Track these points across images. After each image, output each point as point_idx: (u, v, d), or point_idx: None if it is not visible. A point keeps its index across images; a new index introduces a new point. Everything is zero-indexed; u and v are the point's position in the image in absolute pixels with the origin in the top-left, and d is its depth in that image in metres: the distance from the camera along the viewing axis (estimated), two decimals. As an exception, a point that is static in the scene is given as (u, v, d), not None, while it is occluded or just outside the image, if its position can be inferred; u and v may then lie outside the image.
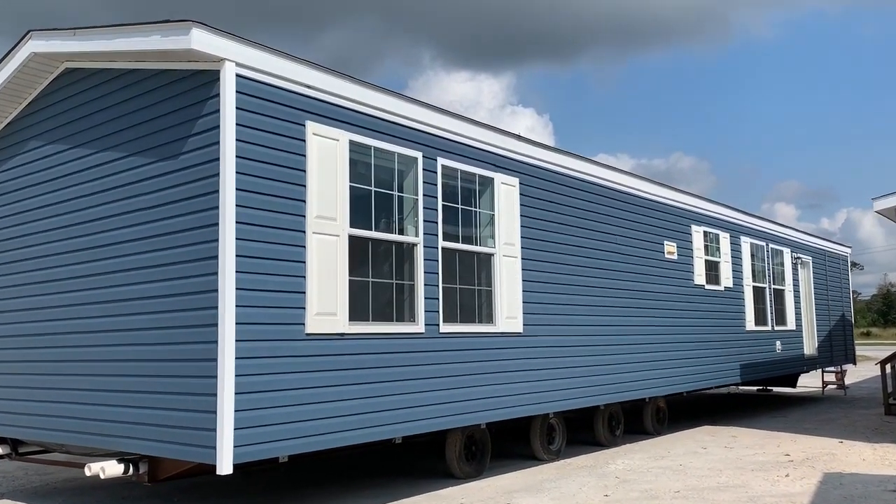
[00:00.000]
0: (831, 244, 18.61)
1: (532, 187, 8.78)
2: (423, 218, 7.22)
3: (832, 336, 17.59)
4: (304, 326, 6.02)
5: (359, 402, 6.39)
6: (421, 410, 6.99)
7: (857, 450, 9.86)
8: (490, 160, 8.20)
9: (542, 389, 8.65)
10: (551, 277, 8.91)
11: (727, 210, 13.38)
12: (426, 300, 7.15)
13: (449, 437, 8.12)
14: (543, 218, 8.91)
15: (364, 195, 6.72)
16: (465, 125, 7.87)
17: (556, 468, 8.97)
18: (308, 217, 6.14)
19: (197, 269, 5.72)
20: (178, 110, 6.04)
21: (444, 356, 7.31)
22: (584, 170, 9.70)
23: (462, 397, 7.50)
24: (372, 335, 6.59)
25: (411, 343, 6.97)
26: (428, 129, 7.40)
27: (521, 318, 8.36)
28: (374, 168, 6.84)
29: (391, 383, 6.71)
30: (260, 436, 5.58)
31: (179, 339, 5.80)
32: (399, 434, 6.84)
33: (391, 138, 7.00)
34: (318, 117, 6.34)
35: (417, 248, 7.16)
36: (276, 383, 5.76)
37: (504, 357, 8.10)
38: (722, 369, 12.54)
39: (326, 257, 6.23)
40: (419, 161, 7.26)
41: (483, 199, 8.17)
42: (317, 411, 6.03)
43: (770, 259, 14.83)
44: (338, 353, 6.27)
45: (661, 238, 11.29)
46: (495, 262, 8.12)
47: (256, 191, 5.79)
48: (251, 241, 5.70)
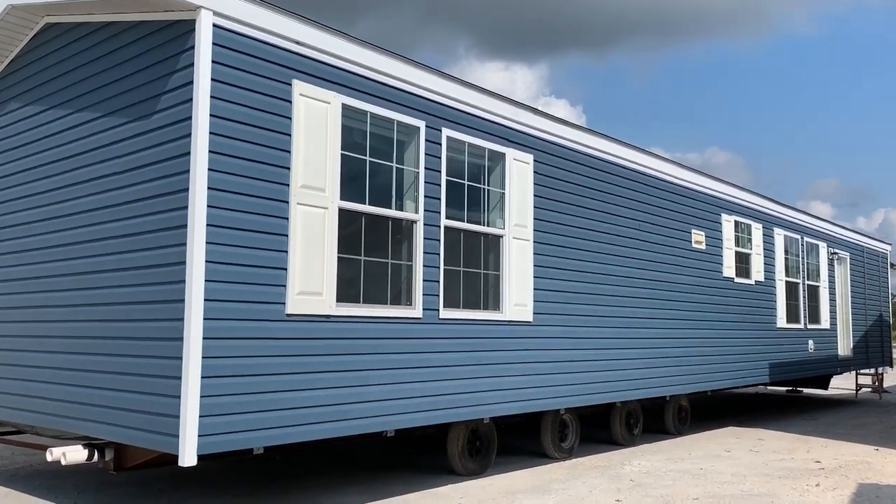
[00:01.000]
0: (870, 240, 17.63)
1: (548, 165, 8.12)
2: (423, 193, 6.62)
3: (868, 337, 16.66)
4: (285, 306, 5.46)
5: (346, 391, 5.83)
6: (416, 402, 6.41)
7: (894, 459, 9.11)
8: (502, 134, 7.56)
9: (553, 384, 8.02)
10: (566, 263, 8.25)
11: (760, 199, 12.57)
12: (425, 283, 6.56)
13: (451, 431, 7.56)
14: (559, 199, 8.25)
15: (358, 165, 6.14)
16: (475, 94, 7.24)
17: (567, 468, 8.37)
18: (292, 186, 5.57)
19: (165, 240, 5.19)
20: (153, 65, 5.51)
21: (444, 344, 6.72)
22: (606, 149, 9.00)
23: (464, 389, 6.91)
24: (363, 318, 6.01)
25: (407, 329, 6.39)
26: (432, 96, 6.78)
27: (531, 306, 7.74)
28: (370, 136, 6.25)
29: (383, 371, 6.14)
30: (229, 424, 5.05)
31: (146, 316, 5.29)
32: (391, 427, 6.28)
33: (391, 104, 6.40)
34: (307, 76, 5.76)
35: (417, 225, 6.56)
36: (251, 367, 5.22)
37: (511, 347, 7.49)
38: (750, 368, 11.78)
39: (312, 231, 5.66)
40: (421, 131, 6.65)
41: (493, 176, 7.54)
42: (297, 399, 5.48)
43: (805, 253, 13.98)
44: (323, 336, 5.71)
45: (689, 226, 10.55)
46: (504, 245, 7.49)
47: (233, 154, 5.24)
48: (225, 210, 5.15)
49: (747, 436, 11.05)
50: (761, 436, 11.03)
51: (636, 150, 9.60)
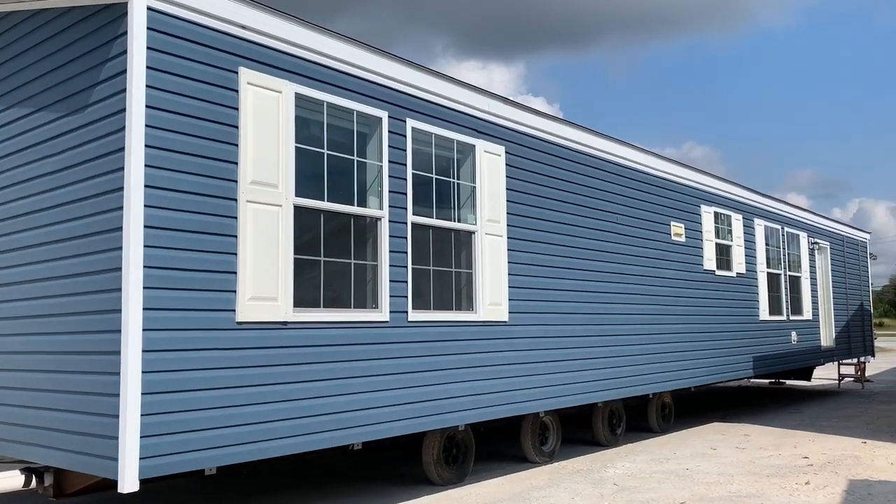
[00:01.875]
0: (850, 229, 17.49)
1: (521, 157, 7.74)
2: (388, 188, 6.21)
3: (850, 327, 16.52)
4: (235, 313, 5.03)
5: (306, 403, 5.41)
6: (384, 412, 6.00)
7: (883, 452, 8.85)
8: (471, 125, 7.17)
9: (531, 385, 7.65)
10: (542, 260, 7.88)
11: (740, 190, 12.30)
12: (392, 284, 6.15)
13: (426, 439, 7.16)
14: (534, 192, 7.87)
15: (315, 159, 5.71)
16: (441, 83, 6.84)
17: (549, 472, 8.01)
18: (241, 183, 5.14)
19: (101, 244, 4.73)
20: (85, 55, 5.05)
21: (413, 348, 6.32)
22: (582, 140, 8.65)
23: (436, 396, 6.52)
24: (323, 324, 5.59)
25: (373, 333, 5.97)
26: (395, 85, 6.37)
27: (506, 305, 7.35)
28: (327, 128, 5.83)
29: (348, 380, 5.73)
30: (175, 445, 4.61)
31: (82, 328, 4.83)
32: (358, 440, 5.86)
33: (349, 93, 5.98)
34: (256, 64, 5.32)
35: (382, 222, 6.15)
36: (198, 381, 4.77)
37: (486, 349, 7.10)
38: (733, 362, 11.51)
39: (265, 231, 5.23)
40: (384, 122, 6.23)
41: (463, 170, 7.14)
42: (251, 414, 5.05)
43: (786, 244, 13.76)
44: (279, 345, 5.28)
45: (668, 218, 10.23)
46: (477, 242, 7.10)
47: (172, 149, 4.79)
48: (164, 210, 4.71)
49: (733, 432, 10.76)
50: (747, 431, 10.75)
51: (612, 140, 9.26)
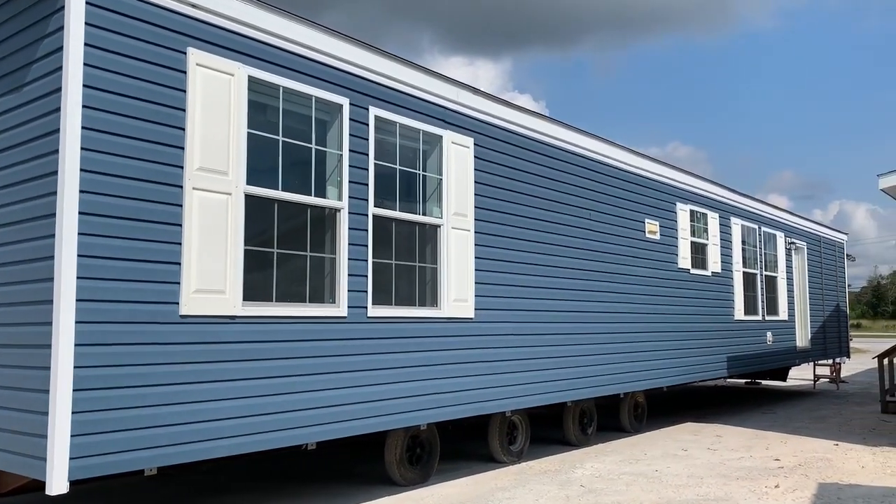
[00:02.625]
0: (827, 230, 17.48)
1: (490, 150, 7.54)
2: (348, 179, 5.98)
3: (826, 328, 16.50)
4: (179, 306, 4.78)
5: (255, 402, 5.17)
6: (341, 410, 5.78)
7: (854, 455, 8.76)
8: (438, 115, 6.95)
9: (498, 384, 7.46)
10: (510, 255, 7.68)
11: (717, 188, 12.18)
12: (350, 278, 5.92)
13: (389, 437, 6.95)
14: (503, 186, 7.67)
15: (269, 146, 5.47)
16: (407, 70, 6.61)
17: (515, 473, 7.83)
18: (187, 169, 4.88)
19: (35, 231, 4.46)
20: (23, 30, 4.77)
21: (373, 345, 6.10)
22: (554, 133, 8.46)
23: (397, 394, 6.30)
24: (275, 319, 5.35)
25: (330, 329, 5.74)
26: (357, 71, 6.14)
27: (472, 301, 7.15)
28: (283, 114, 5.58)
29: (302, 378, 5.50)
30: (109, 444, 4.36)
31: (14, 320, 4.56)
32: (312, 439, 5.64)
33: (308, 78, 5.73)
34: (206, 45, 5.06)
35: (341, 214, 5.91)
36: (137, 378, 4.52)
37: (451, 346, 6.90)
38: (707, 362, 11.40)
39: (212, 220, 4.98)
40: (345, 109, 6.00)
41: (429, 161, 6.93)
42: (195, 412, 4.81)
43: (762, 243, 13.68)
44: (227, 340, 5.04)
45: (642, 216, 10.08)
46: (442, 235, 6.89)
47: (112, 132, 4.53)
48: (102, 196, 4.45)
49: (705, 432, 10.64)
50: (719, 432, 10.64)
51: (586, 135, 9.08)
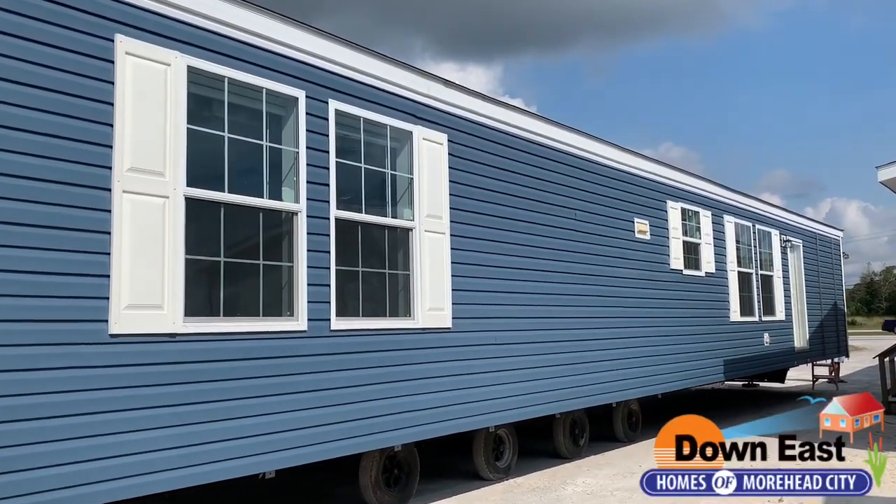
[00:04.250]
0: (822, 227, 17.03)
1: (466, 147, 7.02)
2: (306, 178, 5.44)
3: (824, 327, 16.03)
4: (108, 324, 4.23)
5: (202, 429, 4.62)
6: (302, 434, 5.23)
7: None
8: (408, 109, 6.43)
9: (480, 398, 6.92)
10: (491, 259, 7.16)
11: (709, 185, 11.70)
12: (311, 288, 5.38)
13: (363, 459, 6.41)
14: (481, 186, 7.15)
15: (214, 144, 4.93)
16: (371, 61, 6.08)
17: (501, 491, 7.30)
18: (116, 170, 4.34)
19: (-64, 243, 3.91)
20: (-74, 17, 4.22)
21: (338, 361, 5.55)
22: (535, 129, 7.94)
23: (367, 413, 5.76)
24: (223, 336, 4.81)
25: (287, 345, 5.20)
26: (314, 61, 5.61)
27: (449, 310, 6.62)
28: (230, 108, 5.05)
29: (255, 400, 4.95)
30: (17, 486, 3.79)
31: (-84, 345, 4.00)
32: (269, 468, 5.08)
33: (258, 69, 5.20)
34: (137, 31, 4.53)
35: (298, 218, 5.38)
36: (54, 407, 3.97)
37: (427, 360, 6.36)
38: (703, 367, 10.88)
39: (147, 227, 4.44)
40: (301, 102, 5.47)
41: (399, 159, 6.41)
42: (128, 444, 4.26)
43: (757, 242, 13.20)
44: (166, 360, 4.49)
45: (631, 215, 9.58)
46: (415, 239, 6.36)
47: (26, 128, 4.00)
48: (13, 202, 3.91)
49: (703, 441, 10.12)
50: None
51: (570, 130, 8.57)
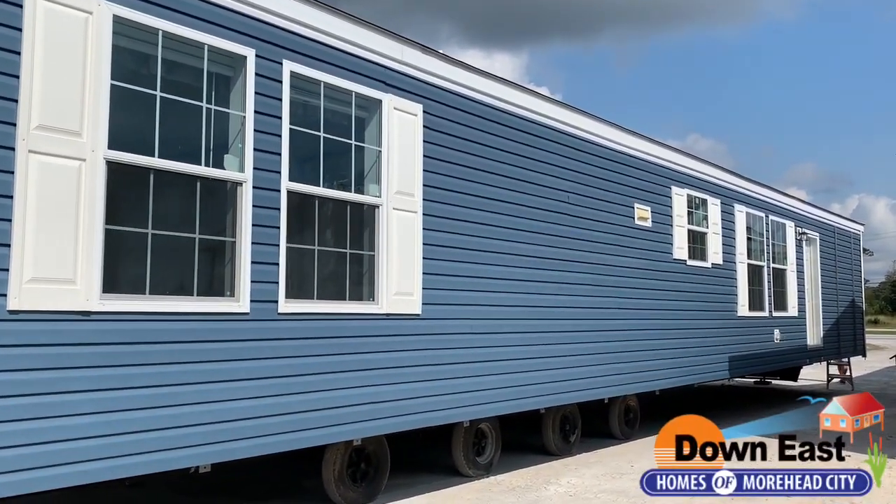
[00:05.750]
0: (842, 220, 16.27)
1: (444, 119, 6.49)
2: (253, 146, 4.95)
3: (840, 324, 15.31)
4: (7, 299, 3.79)
5: (121, 417, 4.18)
6: (242, 426, 4.77)
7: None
8: (378, 75, 5.91)
9: (454, 391, 6.43)
10: (469, 242, 6.64)
11: (718, 171, 11.06)
12: (255, 266, 4.90)
13: (326, 452, 5.97)
14: (460, 162, 6.63)
15: (144, 104, 4.46)
16: (333, 19, 5.56)
17: (478, 490, 6.84)
18: (21, 127, 3.88)
19: None
20: None
21: (286, 347, 5.08)
22: (524, 103, 7.39)
23: (321, 405, 5.30)
24: (148, 316, 4.35)
25: (226, 329, 4.73)
26: (267, 17, 5.10)
27: (419, 295, 6.12)
28: (164, 65, 4.56)
29: (186, 387, 4.50)
30: None
31: None
32: (203, 462, 4.64)
33: (198, 23, 4.71)
34: (51, -27, 4.06)
35: (243, 188, 4.89)
36: (-61, 391, 3.54)
37: (392, 348, 5.88)
38: (706, 363, 10.30)
39: (58, 192, 3.98)
40: (250, 62, 4.97)
41: (368, 130, 5.90)
42: (32, 433, 3.82)
43: (770, 233, 12.53)
44: (79, 341, 4.04)
45: (631, 200, 9.00)
46: (382, 217, 5.86)
47: None
48: None
49: (703, 441, 9.57)
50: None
51: (562, 106, 8.01)
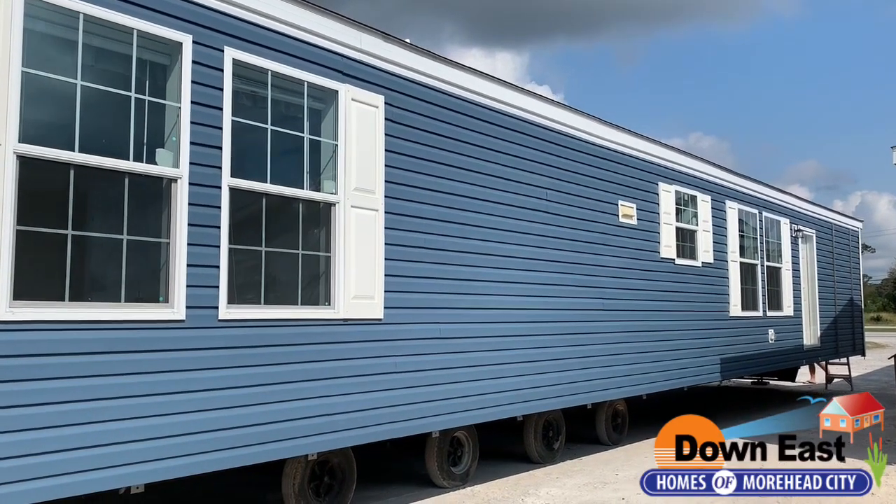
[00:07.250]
0: (839, 217, 15.87)
1: (408, 112, 6.12)
2: (190, 139, 4.58)
3: (838, 323, 14.92)
4: None
5: (41, 437, 3.82)
6: (179, 443, 4.41)
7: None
8: (332, 64, 5.54)
9: (421, 399, 6.07)
10: (436, 242, 6.27)
11: (709, 167, 10.68)
12: (192, 269, 4.53)
13: (286, 465, 5.62)
14: (427, 157, 6.26)
15: (62, 94, 4.09)
16: (282, 4, 5.18)
17: (452, 502, 6.47)
18: (-88, 118, 3.52)
19: None
20: None
21: (227, 357, 4.71)
22: (495, 95, 7.01)
23: (268, 418, 4.93)
24: (68, 324, 3.98)
25: (157, 337, 4.36)
26: (206, 1, 4.74)
27: (381, 298, 5.75)
28: (87, 52, 4.20)
29: (113, 402, 4.13)
30: None
31: None
32: (134, 482, 4.27)
33: (128, 6, 4.34)
34: (-50, -51, 3.70)
35: (178, 185, 4.52)
36: None
37: (350, 355, 5.51)
38: (696, 365, 9.92)
39: (-42, 190, 3.62)
40: (186, 48, 4.60)
41: (324, 123, 5.53)
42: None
43: (764, 230, 12.15)
44: (-16, 354, 3.68)
45: (616, 196, 8.62)
46: (338, 216, 5.49)
47: None
48: None
49: (693, 447, 9.19)
50: (711, 446, 9.20)
51: (538, 98, 7.63)
